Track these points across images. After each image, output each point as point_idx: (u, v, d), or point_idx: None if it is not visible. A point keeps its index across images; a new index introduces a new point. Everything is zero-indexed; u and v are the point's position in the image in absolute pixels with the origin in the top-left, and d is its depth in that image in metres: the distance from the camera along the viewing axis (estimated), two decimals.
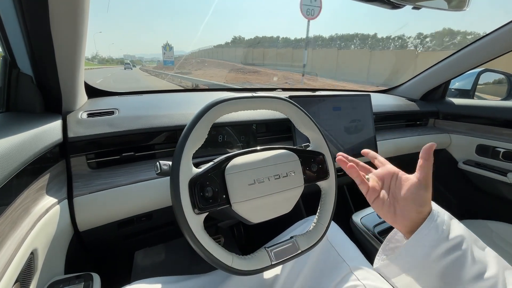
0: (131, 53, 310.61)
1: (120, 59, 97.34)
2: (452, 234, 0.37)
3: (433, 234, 0.38)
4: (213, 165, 0.47)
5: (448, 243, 0.37)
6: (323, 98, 0.99)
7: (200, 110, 0.47)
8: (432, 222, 0.38)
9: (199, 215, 0.44)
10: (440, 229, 0.38)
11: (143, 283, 0.53)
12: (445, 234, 0.37)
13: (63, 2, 0.48)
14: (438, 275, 0.37)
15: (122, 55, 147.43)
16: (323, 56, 25.71)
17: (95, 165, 0.69)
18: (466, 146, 1.33)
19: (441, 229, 0.38)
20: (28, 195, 0.50)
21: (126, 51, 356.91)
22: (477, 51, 1.16)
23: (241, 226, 1.23)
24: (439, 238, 0.37)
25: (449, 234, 0.38)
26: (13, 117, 0.59)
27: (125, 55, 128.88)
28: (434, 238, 0.37)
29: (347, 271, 0.55)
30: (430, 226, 0.38)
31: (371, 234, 0.85)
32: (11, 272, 0.39)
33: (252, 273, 0.46)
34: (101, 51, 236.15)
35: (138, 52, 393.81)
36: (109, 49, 24.87)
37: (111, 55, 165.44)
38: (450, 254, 0.36)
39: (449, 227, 0.38)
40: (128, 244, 0.86)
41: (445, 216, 0.40)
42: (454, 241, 0.37)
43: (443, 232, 0.38)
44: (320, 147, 0.59)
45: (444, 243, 0.37)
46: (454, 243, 0.37)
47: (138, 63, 75.46)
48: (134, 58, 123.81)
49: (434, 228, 0.38)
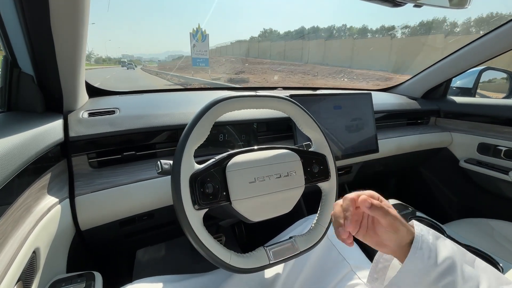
0: (129, 52, 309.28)
1: (117, 59, 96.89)
2: (440, 258, 0.37)
3: (419, 263, 0.37)
4: (214, 161, 0.47)
5: (437, 269, 0.36)
6: (324, 97, 0.99)
7: (203, 108, 0.47)
8: (416, 251, 0.37)
9: (199, 211, 0.44)
10: (426, 256, 0.37)
11: (144, 282, 0.54)
12: (432, 260, 0.37)
13: (63, 2, 0.48)
14: None
15: (121, 55, 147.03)
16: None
17: (97, 164, 0.69)
18: (468, 144, 1.32)
19: (427, 256, 0.37)
20: (30, 195, 0.50)
21: (124, 50, 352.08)
22: (479, 49, 1.16)
23: (242, 225, 1.23)
24: (426, 266, 0.36)
25: (437, 259, 0.37)
26: (14, 116, 0.59)
27: (123, 54, 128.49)
28: (422, 268, 0.37)
29: (348, 270, 0.56)
30: (416, 256, 0.37)
31: None
32: (14, 271, 0.40)
33: (249, 271, 0.46)
34: (97, 49, 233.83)
35: (136, 52, 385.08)
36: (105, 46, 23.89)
37: (108, 54, 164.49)
38: (441, 281, 0.36)
39: (435, 251, 0.37)
40: (130, 243, 0.87)
41: (430, 238, 0.38)
42: (443, 265, 0.36)
43: (429, 259, 0.37)
44: (322, 148, 0.59)
45: (433, 270, 0.36)
46: (443, 268, 0.36)
47: (137, 63, 75.26)
48: (132, 58, 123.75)
49: (420, 257, 0.37)
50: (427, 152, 1.36)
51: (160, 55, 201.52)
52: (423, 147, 1.32)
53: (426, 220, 0.89)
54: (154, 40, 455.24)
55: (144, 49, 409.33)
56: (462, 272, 0.36)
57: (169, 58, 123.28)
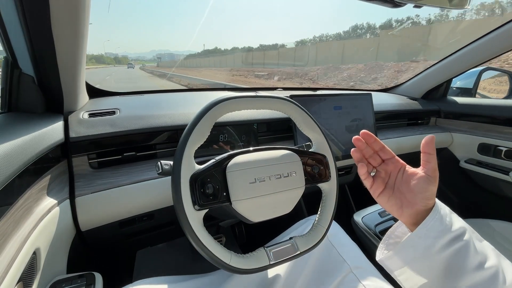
0: (113, 51, 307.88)
1: (99, 55, 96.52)
2: (454, 226, 0.39)
3: (438, 225, 0.38)
4: (214, 162, 0.47)
5: (451, 234, 0.38)
6: (324, 97, 0.99)
7: (203, 108, 0.47)
8: (436, 213, 0.39)
9: (199, 211, 0.44)
10: (444, 220, 0.39)
11: (145, 283, 0.53)
12: (449, 225, 0.39)
13: (64, 3, 0.49)
14: (442, 266, 0.37)
15: (103, 53, 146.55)
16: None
17: (97, 165, 0.69)
18: (468, 144, 1.32)
19: (445, 220, 0.39)
20: (30, 195, 0.50)
21: (109, 48, 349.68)
22: (479, 49, 1.16)
23: (242, 225, 1.23)
24: (443, 229, 0.38)
25: (452, 225, 0.39)
26: (15, 117, 0.59)
27: (106, 52, 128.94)
28: (439, 229, 0.38)
29: (348, 271, 0.55)
30: (435, 217, 0.39)
31: (373, 234, 0.85)
32: (14, 272, 0.40)
33: (250, 272, 0.46)
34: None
35: (121, 50, 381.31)
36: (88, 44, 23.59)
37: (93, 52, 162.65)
38: (454, 245, 0.37)
39: (451, 219, 0.40)
40: (130, 243, 0.87)
41: (447, 210, 0.41)
42: (457, 232, 0.38)
43: (447, 224, 0.39)
44: (322, 149, 0.59)
45: (448, 234, 0.38)
46: (457, 233, 0.38)
47: (125, 60, 75.53)
48: (117, 56, 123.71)
49: (439, 219, 0.39)
50: None
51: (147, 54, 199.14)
52: None
53: None
54: (140, 38, 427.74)
55: (129, 47, 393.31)
56: (474, 244, 0.38)
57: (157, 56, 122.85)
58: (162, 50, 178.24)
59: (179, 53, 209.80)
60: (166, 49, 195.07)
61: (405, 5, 0.73)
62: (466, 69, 1.28)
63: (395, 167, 0.45)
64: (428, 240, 0.38)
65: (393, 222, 0.88)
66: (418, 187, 0.41)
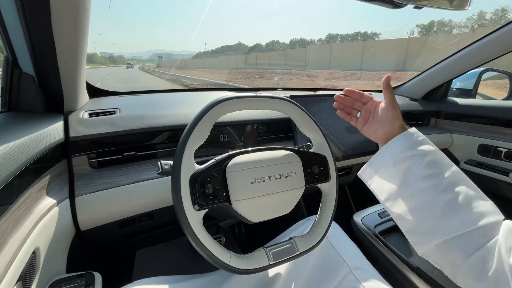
0: (108, 50, 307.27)
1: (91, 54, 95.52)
2: (420, 147, 0.47)
3: (403, 142, 0.49)
4: (214, 162, 0.47)
5: (413, 151, 0.47)
6: (324, 98, 0.99)
7: (203, 108, 0.47)
8: (405, 135, 0.49)
9: (199, 211, 0.44)
10: (410, 140, 0.49)
11: (144, 282, 0.53)
12: (413, 145, 0.48)
13: (64, 2, 0.49)
14: (401, 175, 0.47)
15: (99, 52, 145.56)
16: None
17: (97, 165, 0.69)
18: (468, 145, 1.32)
19: (411, 141, 0.48)
20: (30, 195, 0.50)
21: (103, 47, 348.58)
22: (479, 50, 1.16)
23: (242, 226, 1.23)
24: (407, 146, 0.48)
25: (418, 146, 0.48)
26: (15, 116, 0.59)
27: (101, 52, 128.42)
28: (403, 145, 0.49)
29: (347, 272, 0.55)
30: (402, 137, 0.50)
31: (372, 234, 0.85)
32: (14, 271, 0.40)
33: (250, 272, 0.46)
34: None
35: (117, 50, 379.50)
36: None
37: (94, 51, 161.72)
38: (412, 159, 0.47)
39: (420, 142, 0.48)
40: (130, 243, 0.87)
41: (419, 137, 0.49)
42: (419, 151, 0.47)
43: (413, 143, 0.48)
44: (322, 149, 0.59)
45: (411, 150, 0.47)
46: (418, 152, 0.47)
47: (120, 60, 75.43)
48: (113, 56, 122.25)
49: (405, 138, 0.49)
50: None
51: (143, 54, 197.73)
52: None
53: None
54: (136, 38, 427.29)
55: (124, 47, 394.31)
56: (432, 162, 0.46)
57: (154, 56, 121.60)
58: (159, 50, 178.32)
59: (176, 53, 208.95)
60: (162, 48, 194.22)
61: (405, 6, 0.73)
62: (466, 70, 1.28)
63: (371, 106, 0.57)
64: (394, 151, 0.49)
65: (393, 223, 0.88)
66: (382, 114, 0.53)
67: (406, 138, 0.49)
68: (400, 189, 0.48)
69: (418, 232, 0.45)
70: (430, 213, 0.43)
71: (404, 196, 0.47)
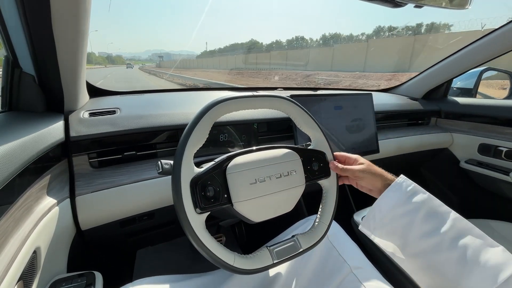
0: (106, 49, 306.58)
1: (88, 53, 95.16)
2: (413, 200, 0.47)
3: (393, 197, 0.49)
4: (214, 164, 0.47)
5: (405, 206, 0.47)
6: (325, 97, 0.99)
7: (202, 109, 0.47)
8: (394, 188, 0.50)
9: (201, 214, 0.44)
10: (400, 193, 0.49)
11: (145, 282, 0.53)
12: (406, 198, 0.48)
13: (64, 2, 0.49)
14: (398, 232, 0.47)
15: (97, 52, 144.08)
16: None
17: (97, 164, 0.69)
18: (468, 145, 1.32)
19: (401, 193, 0.49)
20: (31, 194, 0.50)
21: (101, 47, 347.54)
22: (479, 49, 1.16)
23: (242, 225, 1.23)
24: (398, 201, 0.48)
25: (410, 199, 0.48)
26: (16, 116, 0.59)
27: (100, 52, 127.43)
28: (394, 200, 0.49)
29: (348, 271, 0.55)
30: (390, 190, 0.50)
31: None
32: (14, 270, 0.40)
33: (254, 272, 0.46)
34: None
35: (115, 49, 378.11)
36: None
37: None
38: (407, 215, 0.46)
39: (412, 195, 0.48)
40: (130, 242, 0.87)
41: (409, 187, 0.49)
42: (412, 205, 0.47)
43: (404, 197, 0.48)
44: (321, 145, 0.59)
45: (403, 206, 0.47)
46: (411, 207, 0.47)
47: (119, 60, 75.04)
48: (111, 56, 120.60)
49: (395, 191, 0.50)
50: (427, 152, 1.36)
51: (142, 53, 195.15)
52: (424, 147, 1.32)
53: None
54: (135, 38, 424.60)
55: (123, 47, 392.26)
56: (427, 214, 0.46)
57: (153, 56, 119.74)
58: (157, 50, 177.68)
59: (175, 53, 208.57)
60: (161, 48, 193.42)
61: (406, 5, 0.73)
62: (467, 69, 1.27)
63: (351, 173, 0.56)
64: (386, 207, 0.49)
65: None
66: (364, 181, 0.54)
67: (396, 191, 0.49)
68: (403, 249, 0.47)
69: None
70: (445, 274, 0.42)
71: (409, 256, 0.46)
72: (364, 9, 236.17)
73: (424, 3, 0.76)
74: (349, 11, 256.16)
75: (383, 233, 0.50)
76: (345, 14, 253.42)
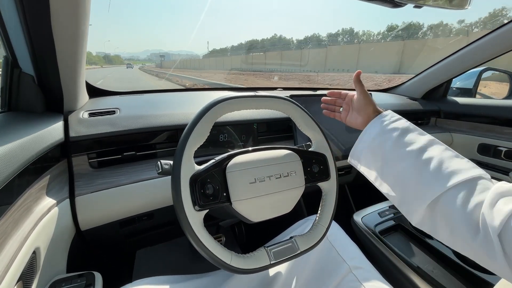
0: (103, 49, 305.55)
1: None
2: (393, 125, 0.52)
3: (376, 125, 0.54)
4: (214, 162, 0.47)
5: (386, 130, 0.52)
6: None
7: (203, 108, 0.47)
8: (379, 118, 0.55)
9: (199, 212, 0.44)
10: (383, 122, 0.54)
11: (144, 282, 0.53)
12: (388, 125, 0.53)
13: (64, 2, 0.49)
14: (379, 154, 0.52)
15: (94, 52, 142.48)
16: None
17: (97, 165, 0.69)
18: (468, 145, 1.32)
19: (384, 122, 0.53)
20: (30, 195, 0.50)
21: (98, 46, 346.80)
22: (479, 49, 1.16)
23: (242, 225, 1.23)
24: (380, 127, 0.53)
25: (391, 125, 0.52)
26: (15, 117, 0.59)
27: (97, 52, 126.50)
28: (377, 127, 0.54)
29: (347, 271, 0.55)
30: (375, 120, 0.55)
31: (372, 234, 0.85)
32: (14, 271, 0.40)
33: (251, 272, 0.46)
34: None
35: (113, 48, 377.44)
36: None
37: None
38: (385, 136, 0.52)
39: (395, 122, 0.53)
40: (130, 243, 0.87)
41: (391, 117, 0.54)
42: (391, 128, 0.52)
43: (386, 124, 0.53)
44: (322, 148, 0.59)
45: (384, 131, 0.52)
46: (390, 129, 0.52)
47: (117, 60, 74.57)
48: (109, 55, 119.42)
49: (379, 120, 0.54)
50: None
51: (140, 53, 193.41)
52: None
53: None
54: (133, 38, 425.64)
55: (121, 46, 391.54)
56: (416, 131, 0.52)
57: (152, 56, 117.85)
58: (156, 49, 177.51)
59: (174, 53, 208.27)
60: (159, 48, 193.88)
61: (405, 5, 0.73)
62: (466, 69, 1.28)
63: (348, 99, 0.64)
64: (371, 134, 0.54)
65: (393, 222, 0.88)
66: (356, 102, 0.60)
67: (380, 120, 0.54)
68: (382, 167, 0.51)
69: (407, 201, 0.47)
70: (411, 179, 0.45)
71: (386, 172, 0.51)
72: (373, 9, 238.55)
73: (424, 3, 0.76)
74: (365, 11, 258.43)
75: (367, 160, 0.55)
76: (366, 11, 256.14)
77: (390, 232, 0.86)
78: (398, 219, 0.90)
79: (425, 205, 0.43)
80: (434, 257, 0.74)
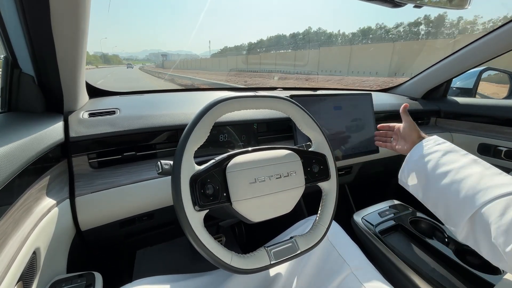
0: (101, 49, 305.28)
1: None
2: (438, 147, 0.57)
3: (420, 148, 0.61)
4: (214, 162, 0.47)
5: (430, 153, 0.57)
6: (324, 97, 0.99)
7: (203, 108, 0.47)
8: (423, 142, 0.62)
9: (199, 212, 0.44)
10: (427, 145, 0.60)
11: (144, 282, 0.53)
12: (432, 147, 0.58)
13: (64, 2, 0.49)
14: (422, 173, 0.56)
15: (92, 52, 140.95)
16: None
17: (97, 165, 0.69)
18: (468, 145, 1.32)
19: (428, 145, 0.60)
20: (30, 195, 0.50)
21: (96, 46, 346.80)
22: (479, 49, 1.16)
23: (242, 225, 1.23)
24: (424, 150, 0.59)
25: (436, 148, 0.57)
26: (15, 117, 0.59)
27: (95, 52, 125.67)
28: (420, 150, 0.60)
29: (348, 272, 0.55)
30: (419, 144, 0.62)
31: (373, 234, 0.85)
32: (14, 271, 0.40)
33: (250, 272, 0.46)
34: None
35: (111, 48, 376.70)
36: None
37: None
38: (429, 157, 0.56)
39: (440, 145, 0.58)
40: (130, 243, 0.87)
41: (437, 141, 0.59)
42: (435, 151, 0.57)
43: (431, 146, 0.59)
44: (322, 148, 0.59)
45: (428, 153, 0.57)
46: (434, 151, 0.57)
47: (115, 59, 74.32)
48: (107, 55, 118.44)
49: (423, 144, 0.61)
50: None
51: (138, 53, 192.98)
52: None
53: (426, 220, 0.89)
54: (132, 38, 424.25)
55: (120, 46, 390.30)
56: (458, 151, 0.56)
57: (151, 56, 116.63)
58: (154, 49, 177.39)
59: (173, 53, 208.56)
60: (158, 48, 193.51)
61: (405, 5, 0.73)
62: (466, 69, 1.28)
63: (397, 129, 0.74)
64: (414, 157, 0.60)
65: (393, 222, 0.88)
66: (403, 131, 0.71)
67: (423, 144, 0.60)
68: (426, 186, 0.55)
69: (450, 217, 0.48)
70: (453, 194, 0.47)
71: (430, 190, 0.54)
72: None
73: (423, 3, 0.76)
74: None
75: (413, 181, 0.59)
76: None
77: (390, 232, 0.86)
78: (398, 219, 0.90)
79: (465, 219, 0.43)
80: (435, 257, 0.74)
